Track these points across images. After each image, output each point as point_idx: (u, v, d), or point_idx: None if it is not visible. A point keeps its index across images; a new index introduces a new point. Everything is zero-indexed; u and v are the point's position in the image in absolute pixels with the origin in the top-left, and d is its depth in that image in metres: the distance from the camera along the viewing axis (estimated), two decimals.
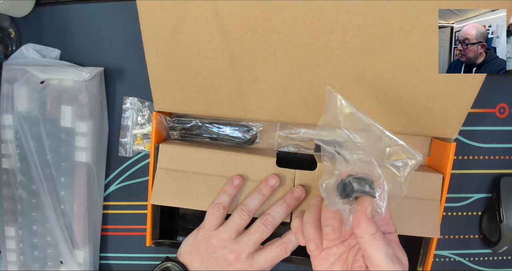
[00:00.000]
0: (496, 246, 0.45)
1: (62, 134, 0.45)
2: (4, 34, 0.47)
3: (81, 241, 0.46)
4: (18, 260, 0.48)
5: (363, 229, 0.28)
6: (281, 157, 0.43)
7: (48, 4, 0.47)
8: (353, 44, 0.34)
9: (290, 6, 0.33)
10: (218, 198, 0.39)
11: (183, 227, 0.48)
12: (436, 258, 0.48)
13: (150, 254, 0.51)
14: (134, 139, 0.48)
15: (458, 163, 0.46)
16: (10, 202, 0.47)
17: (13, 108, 0.45)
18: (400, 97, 0.37)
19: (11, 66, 0.45)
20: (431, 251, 0.40)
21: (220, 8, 0.34)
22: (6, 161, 0.46)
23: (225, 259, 0.38)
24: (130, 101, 0.48)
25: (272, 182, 0.39)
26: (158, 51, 0.37)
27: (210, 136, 0.43)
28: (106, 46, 0.47)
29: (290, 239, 0.38)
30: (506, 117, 0.45)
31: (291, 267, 0.47)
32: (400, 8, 0.32)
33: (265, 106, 0.39)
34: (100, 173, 0.48)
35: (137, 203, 0.49)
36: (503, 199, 0.44)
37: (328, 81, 0.36)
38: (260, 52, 0.36)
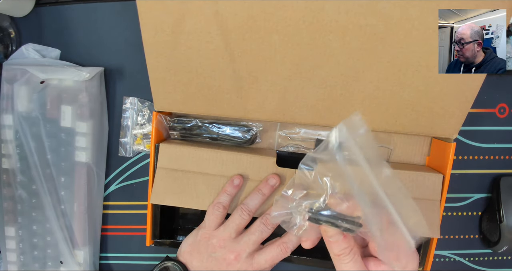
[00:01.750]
0: (496, 246, 0.45)
1: (62, 134, 0.45)
2: (4, 34, 0.47)
3: (81, 241, 0.46)
4: (18, 260, 0.48)
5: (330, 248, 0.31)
6: (281, 156, 0.43)
7: (48, 4, 0.47)
8: (353, 44, 0.34)
9: (290, 6, 0.33)
10: (218, 198, 0.39)
11: (183, 226, 0.48)
12: (436, 258, 0.48)
13: (150, 254, 0.51)
14: (134, 139, 0.48)
15: (458, 163, 0.46)
16: (10, 202, 0.47)
17: (13, 108, 0.45)
18: (400, 97, 0.37)
19: (11, 66, 0.45)
20: (431, 251, 0.40)
21: (220, 8, 0.34)
22: (6, 161, 0.46)
23: (225, 258, 0.38)
24: (130, 101, 0.48)
25: (272, 182, 0.39)
26: (158, 51, 0.37)
27: (210, 135, 0.43)
28: (106, 46, 0.47)
29: (290, 238, 0.38)
30: (506, 117, 0.45)
31: (291, 267, 0.47)
32: (400, 8, 0.32)
33: (265, 106, 0.39)
34: (100, 173, 0.48)
35: (137, 203, 0.49)
36: (503, 199, 0.44)
37: (328, 81, 0.37)
38: (260, 52, 0.36)
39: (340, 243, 0.30)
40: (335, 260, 0.31)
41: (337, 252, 0.31)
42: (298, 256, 0.41)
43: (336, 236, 0.30)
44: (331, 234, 0.30)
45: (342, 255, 0.30)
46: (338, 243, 0.30)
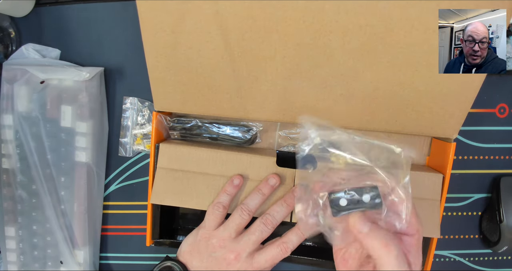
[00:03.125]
0: (496, 246, 0.45)
1: (62, 134, 0.45)
2: (4, 34, 0.47)
3: (81, 241, 0.46)
4: (18, 260, 0.48)
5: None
6: (281, 156, 0.43)
7: (48, 4, 0.47)
8: (353, 44, 0.34)
9: (290, 6, 0.33)
10: (218, 198, 0.39)
11: (183, 226, 0.48)
12: (436, 258, 0.48)
13: (150, 254, 0.51)
14: (134, 138, 0.48)
15: (458, 163, 0.46)
16: (10, 202, 0.47)
17: (13, 108, 0.45)
18: (400, 97, 0.37)
19: (11, 66, 0.45)
20: (431, 251, 0.40)
21: (220, 8, 0.34)
22: (6, 161, 0.46)
23: (225, 258, 0.38)
24: (130, 101, 0.48)
25: (272, 182, 0.39)
26: (158, 51, 0.37)
27: (210, 135, 0.43)
28: (106, 46, 0.47)
29: (290, 238, 0.38)
30: (506, 117, 0.45)
31: (291, 267, 0.47)
32: (400, 8, 0.32)
33: (265, 106, 0.39)
34: (100, 173, 0.48)
35: (137, 203, 0.49)
36: (503, 199, 0.44)
37: (328, 81, 0.37)
38: (260, 52, 0.36)
39: (377, 232, 0.28)
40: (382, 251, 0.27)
41: (379, 243, 0.27)
42: (298, 256, 0.41)
43: (371, 229, 0.28)
44: (365, 229, 0.28)
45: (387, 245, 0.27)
46: (376, 233, 0.28)
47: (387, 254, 0.27)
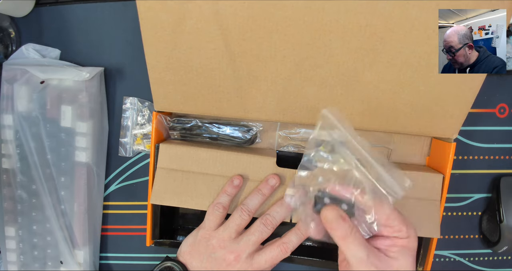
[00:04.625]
0: (496, 246, 0.45)
1: (62, 134, 0.45)
2: (4, 34, 0.47)
3: (81, 241, 0.46)
4: (18, 260, 0.48)
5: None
6: (281, 156, 0.43)
7: (48, 4, 0.47)
8: (353, 44, 0.34)
9: (290, 6, 0.33)
10: (218, 198, 0.39)
11: (183, 227, 0.48)
12: (436, 258, 0.48)
13: (150, 254, 0.51)
14: (134, 139, 0.48)
15: (458, 163, 0.46)
16: (10, 202, 0.47)
17: (13, 108, 0.45)
18: (400, 97, 0.37)
19: (11, 66, 0.45)
20: (431, 251, 0.40)
21: (220, 8, 0.34)
22: (6, 161, 0.46)
23: (224, 259, 0.38)
24: (130, 101, 0.48)
25: (272, 182, 0.39)
26: (158, 51, 0.37)
27: (210, 135, 0.43)
28: (106, 46, 0.47)
29: (290, 239, 0.38)
30: (506, 117, 0.45)
31: (291, 267, 0.47)
32: (400, 8, 0.32)
33: (265, 106, 0.39)
34: (100, 173, 0.48)
35: (137, 203, 0.49)
36: (503, 199, 0.44)
37: (328, 81, 0.37)
38: (260, 52, 0.36)
39: (341, 224, 0.30)
40: (341, 243, 0.31)
41: (340, 234, 0.30)
42: (298, 256, 0.41)
43: (336, 220, 0.31)
44: (331, 218, 0.31)
45: (346, 236, 0.30)
46: (340, 225, 0.30)
47: (345, 245, 0.30)
